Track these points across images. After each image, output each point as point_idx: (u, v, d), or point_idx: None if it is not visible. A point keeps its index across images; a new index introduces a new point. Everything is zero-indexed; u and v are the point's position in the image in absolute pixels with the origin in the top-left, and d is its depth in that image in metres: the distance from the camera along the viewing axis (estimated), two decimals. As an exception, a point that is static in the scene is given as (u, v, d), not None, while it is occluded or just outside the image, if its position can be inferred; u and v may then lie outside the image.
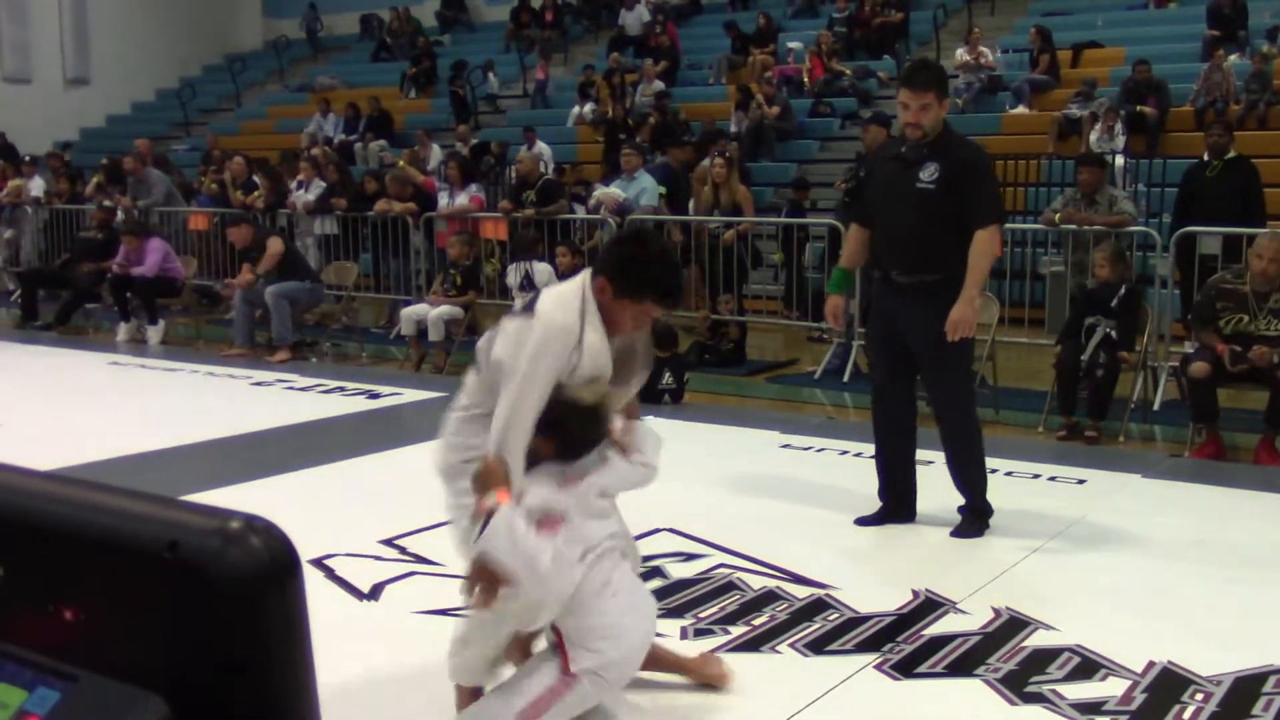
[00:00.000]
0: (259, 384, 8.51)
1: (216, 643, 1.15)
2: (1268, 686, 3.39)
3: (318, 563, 4.39)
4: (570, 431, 2.90)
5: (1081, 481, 5.75)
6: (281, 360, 9.40)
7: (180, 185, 13.77)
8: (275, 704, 1.16)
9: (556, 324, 2.84)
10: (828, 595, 4.12)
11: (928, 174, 4.62)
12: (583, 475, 2.92)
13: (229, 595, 1.15)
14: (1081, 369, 6.84)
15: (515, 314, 3.02)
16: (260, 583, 1.16)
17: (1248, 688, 3.38)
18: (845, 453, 6.04)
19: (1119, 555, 4.64)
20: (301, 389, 8.29)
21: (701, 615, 3.95)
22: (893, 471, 4.97)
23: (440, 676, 3.43)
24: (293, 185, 12.06)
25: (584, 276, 2.97)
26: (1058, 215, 8.50)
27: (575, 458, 2.92)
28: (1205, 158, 8.68)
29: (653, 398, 7.73)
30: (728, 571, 4.38)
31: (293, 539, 1.23)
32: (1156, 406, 7.46)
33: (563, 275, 8.82)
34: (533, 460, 2.84)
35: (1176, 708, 3.26)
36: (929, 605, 4.05)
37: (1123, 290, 7.01)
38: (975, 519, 4.86)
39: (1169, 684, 3.41)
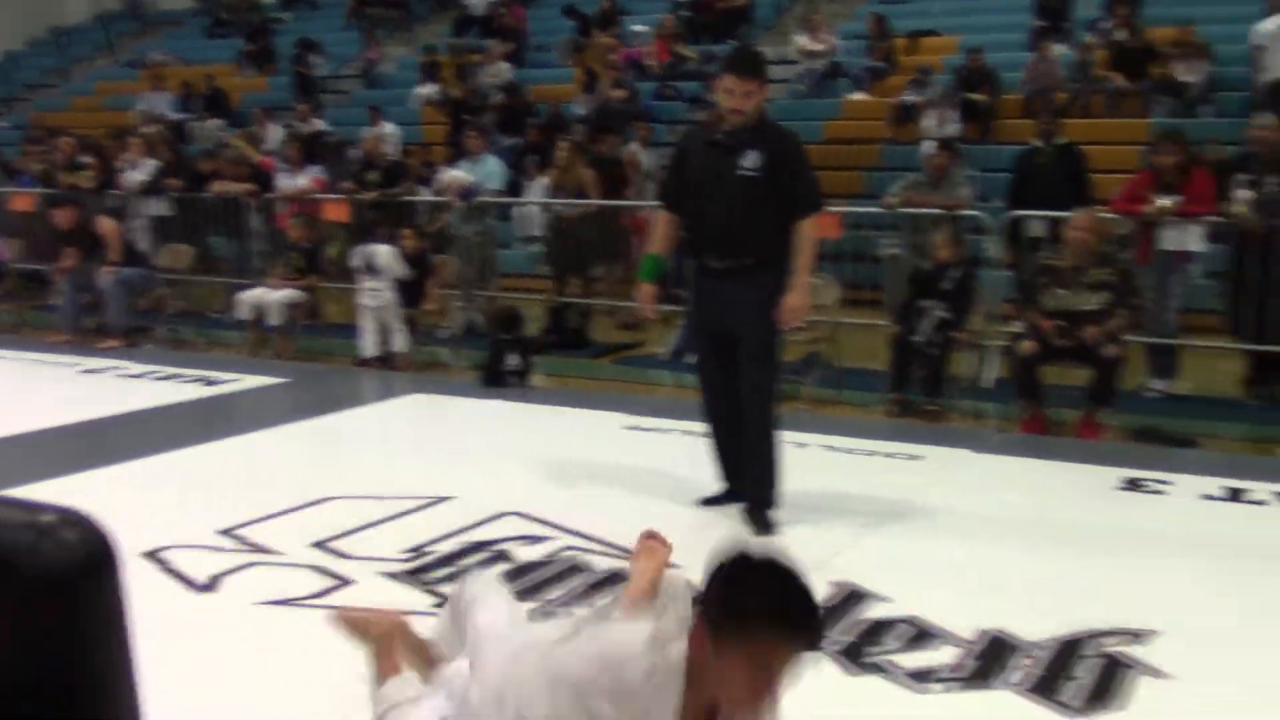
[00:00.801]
0: (89, 371, 8.20)
1: (30, 639, 1.12)
2: (1087, 649, 3.56)
3: (151, 555, 4.26)
4: None
5: (917, 458, 5.94)
6: (112, 347, 9.09)
7: (1, 164, 13.14)
8: (93, 700, 1.13)
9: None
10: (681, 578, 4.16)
11: (750, 161, 4.65)
12: None
13: (42, 590, 1.12)
14: (916, 348, 7.08)
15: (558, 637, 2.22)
16: (75, 577, 1.13)
17: (1070, 650, 3.54)
18: (690, 433, 6.10)
19: (952, 528, 4.81)
20: (135, 376, 8.01)
21: (549, 598, 3.96)
22: (727, 454, 5.02)
23: (281, 666, 3.38)
24: (122, 165, 11.63)
25: (678, 636, 2.05)
26: (895, 199, 8.75)
27: None
28: (1036, 144, 9.00)
29: (498, 380, 7.71)
30: (574, 554, 4.39)
31: (124, 531, 1.20)
32: (988, 384, 7.74)
33: (407, 258, 8.71)
34: None
35: (1004, 672, 3.40)
36: (771, 581, 4.13)
37: (957, 272, 7.27)
38: (762, 512, 4.80)
39: (998, 650, 3.55)
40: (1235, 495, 5.33)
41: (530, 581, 4.09)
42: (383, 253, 8.56)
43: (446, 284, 9.83)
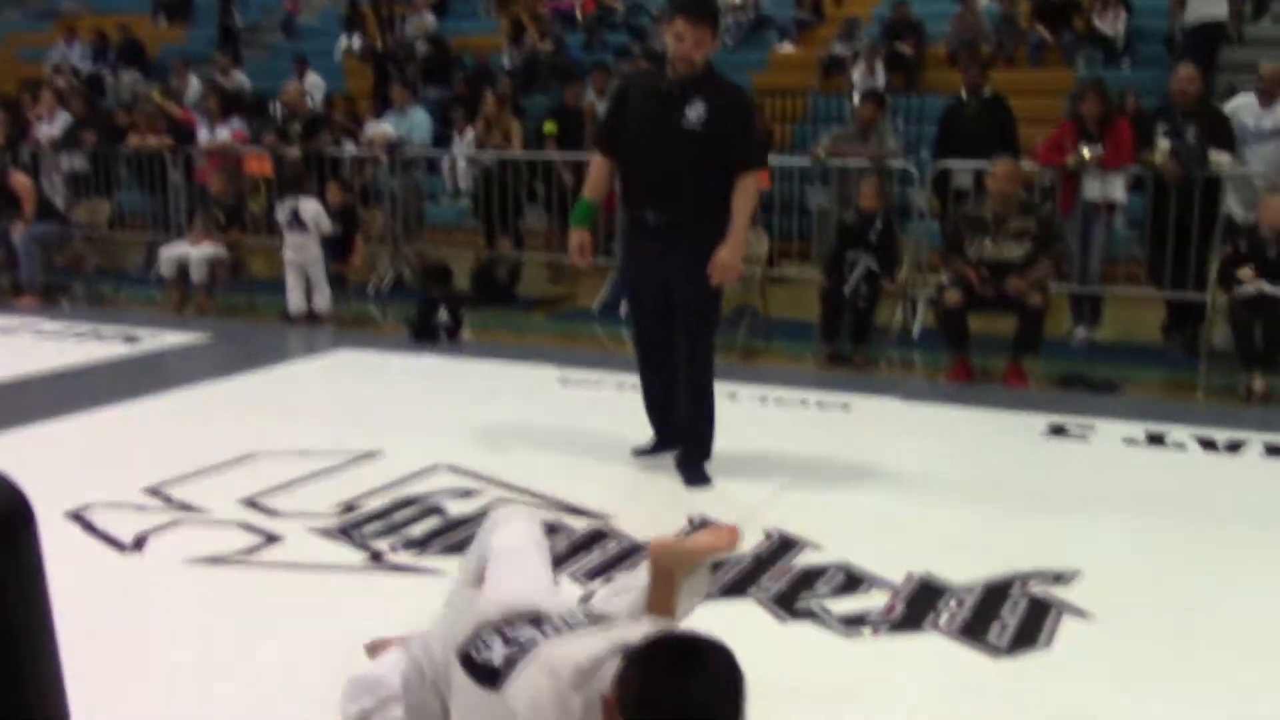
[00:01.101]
0: (4, 330, 7.99)
1: (-57, 598, 1.08)
2: (1013, 591, 3.63)
3: (75, 515, 4.18)
4: None
5: (846, 407, 5.99)
6: (28, 305, 8.88)
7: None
8: (10, 659, 1.10)
9: None
10: (606, 525, 4.18)
11: (694, 115, 4.51)
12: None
13: (-45, 547, 1.08)
14: (845, 299, 7.14)
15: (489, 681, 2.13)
16: (-11, 535, 1.09)
17: (996, 593, 3.61)
18: (623, 386, 6.11)
19: (881, 476, 4.86)
20: (53, 334, 7.83)
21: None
22: (659, 404, 4.98)
23: (208, 624, 3.33)
24: (35, 118, 11.31)
25: (599, 678, 2.05)
26: (822, 151, 8.78)
27: None
28: (963, 96, 9.06)
29: (428, 335, 7.64)
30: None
31: (46, 492, 1.16)
32: (916, 333, 7.83)
33: (333, 214, 8.58)
34: None
35: (933, 614, 3.46)
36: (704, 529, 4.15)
37: (879, 223, 7.34)
38: (696, 464, 4.78)
39: (926, 593, 3.60)
40: (1156, 440, 5.45)
41: (462, 536, 4.07)
42: (309, 207, 8.42)
43: (373, 238, 9.72)
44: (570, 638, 2.13)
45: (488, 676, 2.08)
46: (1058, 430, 5.59)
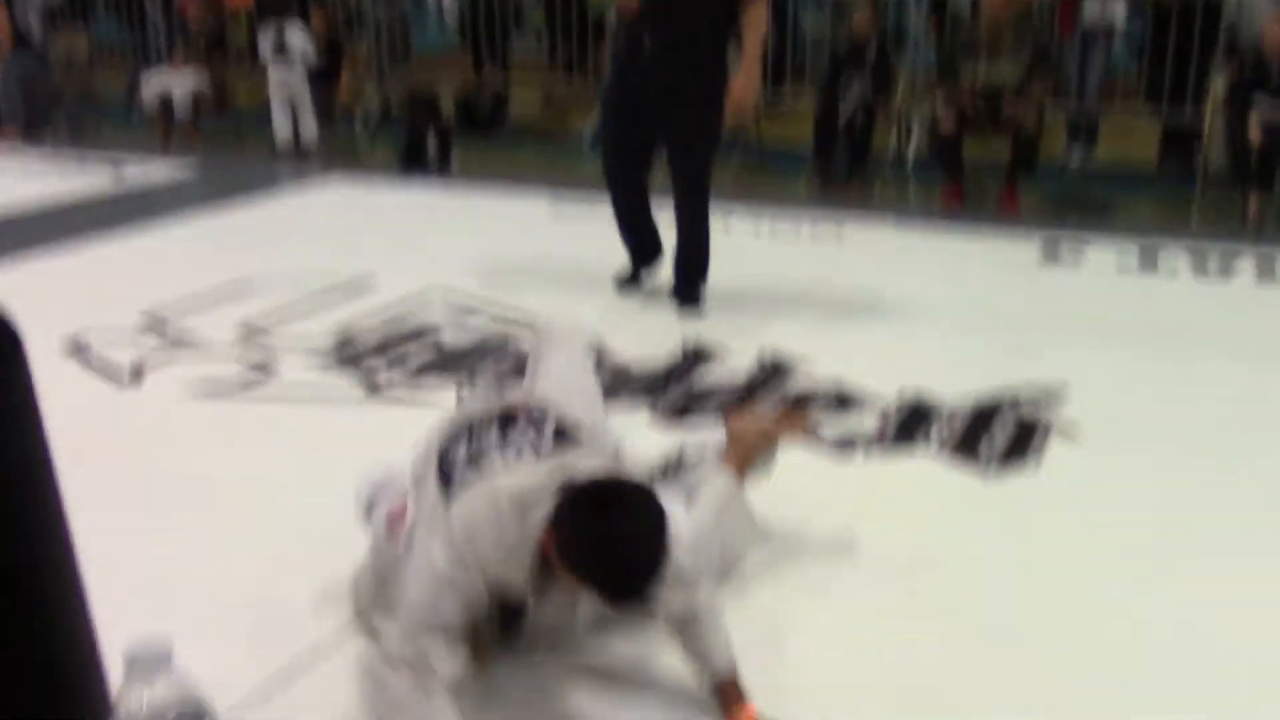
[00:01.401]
0: (-12, 165, 7.90)
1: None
2: (1002, 413, 3.68)
3: (70, 348, 4.20)
4: None
5: (840, 233, 5.97)
6: (10, 139, 8.74)
7: None
8: (6, 492, 1.11)
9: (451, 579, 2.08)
10: (600, 350, 4.20)
11: None
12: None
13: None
14: (839, 124, 7.05)
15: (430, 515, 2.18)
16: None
17: (986, 414, 3.66)
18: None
19: (875, 303, 4.88)
20: (37, 168, 7.74)
21: (477, 376, 3.99)
22: (634, 229, 4.93)
23: (208, 456, 3.38)
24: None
25: (537, 512, 2.06)
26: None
27: None
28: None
29: (419, 165, 7.56)
30: (501, 332, 4.41)
31: (38, 324, 1.16)
32: (910, 158, 7.76)
33: (318, 42, 8.39)
34: None
35: (923, 436, 3.51)
36: (698, 355, 4.19)
37: (874, 47, 7.20)
38: (692, 294, 4.78)
39: (918, 413, 3.66)
40: (1149, 265, 5.45)
41: (460, 362, 4.11)
42: (295, 34, 8.22)
43: (359, 67, 9.52)
44: (522, 466, 2.18)
45: (446, 483, 2.17)
46: (1051, 255, 5.59)
